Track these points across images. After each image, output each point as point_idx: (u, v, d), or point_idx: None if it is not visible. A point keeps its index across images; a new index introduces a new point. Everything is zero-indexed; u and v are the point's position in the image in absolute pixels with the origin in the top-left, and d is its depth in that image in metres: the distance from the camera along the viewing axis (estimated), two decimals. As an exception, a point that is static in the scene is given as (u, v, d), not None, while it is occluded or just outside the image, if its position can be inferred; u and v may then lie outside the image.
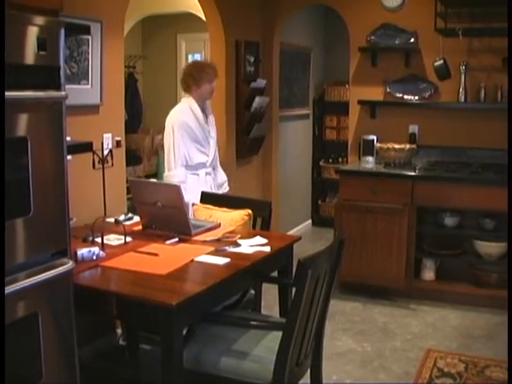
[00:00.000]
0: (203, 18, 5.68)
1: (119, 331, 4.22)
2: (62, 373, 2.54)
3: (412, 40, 5.58)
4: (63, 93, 2.42)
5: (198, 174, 4.56)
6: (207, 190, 4.57)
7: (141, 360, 3.93)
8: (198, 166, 4.56)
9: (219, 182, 4.83)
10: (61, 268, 2.43)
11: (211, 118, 4.72)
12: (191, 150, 4.51)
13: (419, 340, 4.42)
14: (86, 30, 3.50)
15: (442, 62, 5.32)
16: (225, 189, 4.91)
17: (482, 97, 5.41)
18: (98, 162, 3.99)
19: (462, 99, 5.44)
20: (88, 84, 3.92)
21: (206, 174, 4.64)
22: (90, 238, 3.26)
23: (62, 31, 2.40)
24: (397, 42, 5.63)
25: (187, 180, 4.48)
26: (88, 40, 3.84)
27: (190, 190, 4.37)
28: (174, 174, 4.44)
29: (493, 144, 5.45)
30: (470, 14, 5.10)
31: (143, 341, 3.96)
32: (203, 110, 4.61)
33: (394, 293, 5.19)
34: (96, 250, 3.04)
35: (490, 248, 5.08)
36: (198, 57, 8.62)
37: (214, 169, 4.78)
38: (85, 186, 3.90)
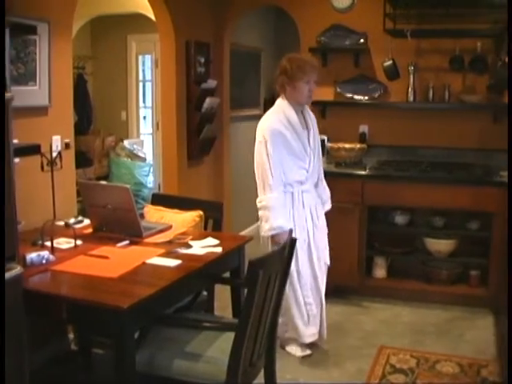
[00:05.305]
0: (153, 18, 5.65)
1: (71, 336, 4.16)
2: (11, 380, 2.49)
3: (362, 41, 5.62)
4: (9, 94, 2.37)
5: (291, 192, 3.96)
6: (303, 211, 4.01)
7: (94, 364, 3.89)
8: (293, 184, 3.96)
9: (323, 199, 4.24)
10: (9, 273, 2.38)
11: (311, 124, 4.08)
12: (286, 164, 3.89)
13: (372, 337, 4.46)
14: (33, 30, 3.45)
15: (391, 62, 5.38)
16: (328, 206, 4.30)
17: (431, 96, 5.50)
18: (47, 165, 3.93)
19: (411, 99, 5.51)
20: (36, 85, 3.85)
21: (303, 192, 4.01)
22: (40, 242, 3.21)
23: (7, 31, 2.35)
24: (347, 42, 5.67)
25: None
26: (35, 40, 3.77)
27: (282, 212, 3.88)
28: (269, 197, 3.83)
29: (441, 143, 5.55)
30: (418, 15, 5.16)
31: (96, 345, 3.92)
32: (302, 115, 4.04)
33: (346, 291, 5.23)
34: (45, 253, 2.99)
35: (440, 245, 5.16)
36: (148, 58, 8.58)
37: (315, 186, 4.16)
38: (33, 188, 3.83)
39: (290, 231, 3.22)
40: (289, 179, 3.92)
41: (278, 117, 3.91)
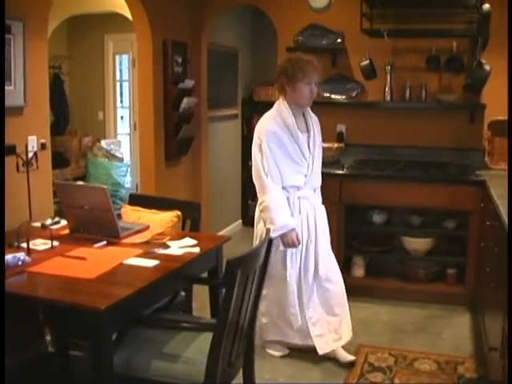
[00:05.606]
0: (130, 18, 5.62)
1: (48, 338, 4.13)
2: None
3: (339, 40, 5.64)
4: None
5: (287, 197, 3.84)
6: (298, 217, 3.87)
7: (71, 366, 3.86)
8: (289, 189, 3.85)
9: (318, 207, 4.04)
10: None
11: (313, 126, 3.94)
12: (282, 168, 3.78)
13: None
14: (7, 30, 3.42)
15: (368, 61, 5.41)
16: (322, 217, 4.06)
17: (407, 96, 5.53)
18: (23, 165, 3.89)
19: (388, 98, 5.54)
20: (11, 85, 3.81)
21: (300, 198, 3.88)
22: (15, 244, 3.17)
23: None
24: (324, 42, 5.68)
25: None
26: (10, 40, 3.73)
27: (284, 211, 3.78)
28: (268, 198, 3.76)
29: (418, 142, 5.59)
30: (395, 15, 5.20)
31: (73, 347, 3.89)
32: (304, 118, 3.94)
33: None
34: (21, 255, 2.96)
35: (417, 244, 5.19)
36: (125, 57, 8.54)
37: (314, 191, 4.01)
38: (9, 189, 3.78)
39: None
40: (284, 183, 3.83)
41: (275, 119, 3.85)
